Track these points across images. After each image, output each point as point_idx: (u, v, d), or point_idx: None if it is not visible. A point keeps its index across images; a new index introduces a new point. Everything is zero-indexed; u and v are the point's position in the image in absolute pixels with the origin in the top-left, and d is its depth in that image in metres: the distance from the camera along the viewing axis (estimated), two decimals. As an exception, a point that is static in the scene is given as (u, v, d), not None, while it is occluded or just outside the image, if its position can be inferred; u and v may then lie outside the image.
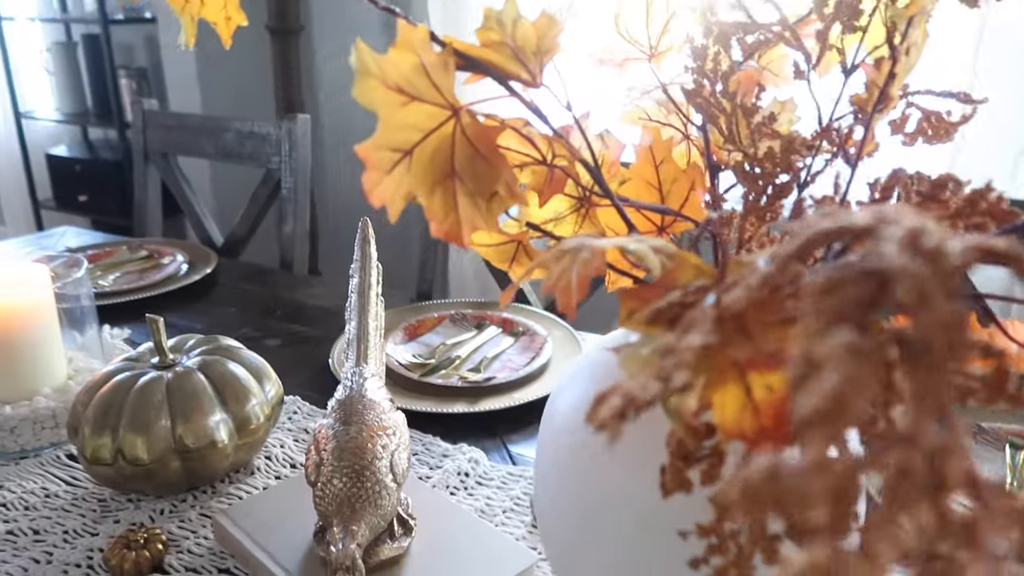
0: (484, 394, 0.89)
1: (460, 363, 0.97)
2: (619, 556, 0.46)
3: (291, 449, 0.80)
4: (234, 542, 0.64)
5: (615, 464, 0.45)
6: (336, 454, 0.57)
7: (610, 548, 0.46)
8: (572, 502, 0.48)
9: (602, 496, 0.46)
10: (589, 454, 0.47)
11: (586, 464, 0.47)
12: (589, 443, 0.47)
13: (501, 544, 0.62)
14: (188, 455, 0.68)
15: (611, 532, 0.46)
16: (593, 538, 0.47)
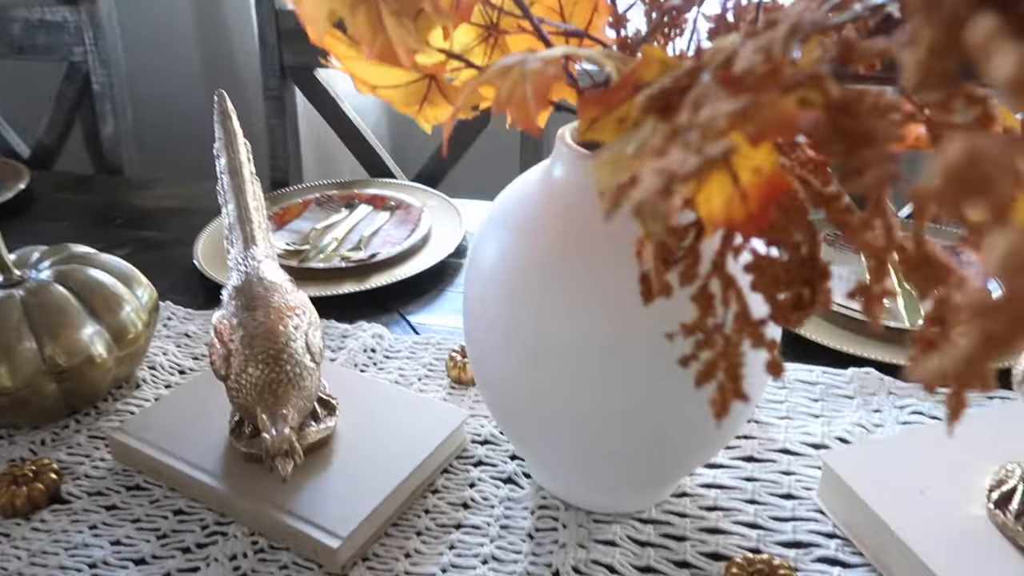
0: (370, 272, 0.86)
1: (338, 245, 0.93)
2: (565, 395, 0.46)
3: (175, 356, 0.74)
4: (140, 456, 0.59)
5: (553, 304, 0.45)
6: (246, 342, 0.53)
7: (555, 390, 0.46)
8: (511, 352, 0.47)
9: (541, 338, 0.45)
10: (525, 298, 0.46)
11: (522, 309, 0.46)
12: (521, 287, 0.46)
13: (427, 407, 0.62)
14: (63, 376, 0.61)
15: (554, 373, 0.46)
16: (536, 385, 0.47)
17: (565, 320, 0.45)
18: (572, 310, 0.44)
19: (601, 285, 0.44)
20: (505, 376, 0.48)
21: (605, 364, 0.44)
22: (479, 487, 0.57)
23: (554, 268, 0.45)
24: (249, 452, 0.56)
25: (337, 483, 0.54)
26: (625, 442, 0.47)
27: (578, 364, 0.45)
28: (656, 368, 0.44)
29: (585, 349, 0.44)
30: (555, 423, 0.48)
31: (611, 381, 0.44)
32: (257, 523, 0.54)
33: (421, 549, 0.53)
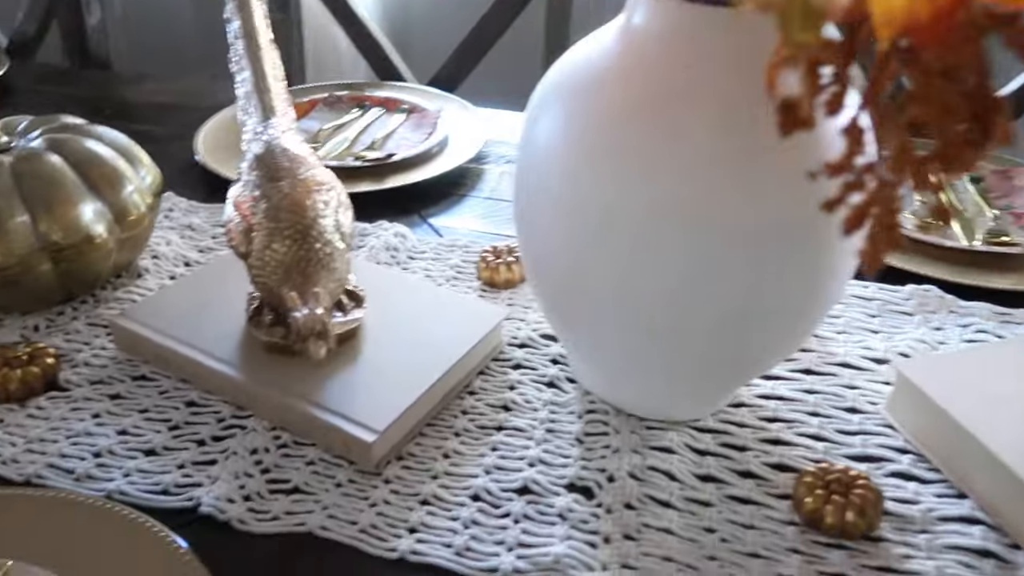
0: (386, 172, 0.80)
1: (350, 145, 0.86)
2: (631, 275, 0.42)
3: (179, 246, 0.68)
4: (146, 344, 0.53)
5: (625, 170, 0.40)
6: (271, 215, 0.47)
7: (620, 269, 0.42)
8: (573, 227, 0.43)
9: (609, 209, 0.40)
10: (591, 166, 0.41)
11: (588, 178, 0.41)
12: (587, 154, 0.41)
13: (462, 305, 0.57)
14: (60, 255, 0.55)
15: (621, 249, 0.41)
16: (598, 265, 0.42)
17: (637, 187, 0.40)
18: (646, 175, 0.39)
19: (681, 146, 0.39)
20: (564, 258, 0.44)
21: (681, 237, 0.40)
22: (519, 390, 0.53)
23: (628, 129, 0.40)
24: (270, 341, 0.51)
25: (368, 377, 0.50)
26: (694, 333, 0.42)
27: (649, 238, 0.40)
28: (740, 243, 0.39)
29: (658, 220, 0.40)
30: (617, 309, 0.43)
31: (687, 257, 0.40)
32: (280, 416, 0.49)
33: (461, 449, 0.48)
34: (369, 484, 0.46)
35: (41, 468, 0.46)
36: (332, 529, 0.43)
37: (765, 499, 0.45)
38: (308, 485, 0.46)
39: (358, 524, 0.43)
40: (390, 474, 0.46)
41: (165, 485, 0.45)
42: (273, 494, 0.45)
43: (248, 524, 0.43)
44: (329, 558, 0.42)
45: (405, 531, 0.43)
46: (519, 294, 0.63)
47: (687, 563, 0.42)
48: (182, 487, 0.45)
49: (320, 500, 0.45)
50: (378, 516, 0.44)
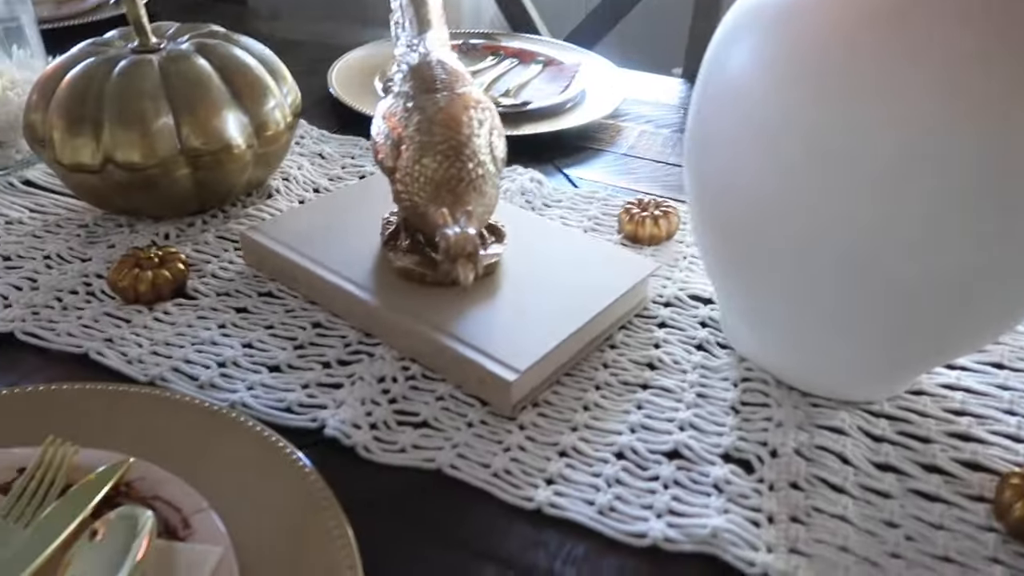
0: (522, 120, 0.76)
1: (486, 90, 0.82)
2: (828, 223, 0.36)
3: (310, 172, 0.65)
4: (275, 260, 0.51)
5: (835, 98, 0.34)
6: (424, 127, 0.44)
7: (816, 215, 0.36)
8: (764, 165, 0.37)
9: (811, 144, 0.35)
10: (795, 96, 0.35)
11: (789, 109, 0.36)
12: (792, 81, 0.35)
13: (609, 253, 0.52)
14: (199, 161, 0.53)
15: (820, 192, 0.36)
16: (788, 211, 0.37)
17: (861, 111, 0.34)
18: (874, 99, 0.34)
19: (922, 66, 0.33)
20: (749, 196, 0.38)
21: (894, 179, 0.34)
22: (666, 349, 0.48)
23: (858, 45, 0.34)
24: (405, 267, 0.47)
25: (508, 316, 0.46)
26: (899, 293, 0.37)
27: (853, 179, 0.35)
28: (988, 186, 0.33)
29: (867, 157, 0.34)
30: (804, 258, 0.37)
31: (897, 203, 0.34)
32: (410, 346, 0.46)
33: (602, 403, 0.44)
34: (503, 428, 0.42)
35: (165, 371, 0.44)
36: (462, 469, 0.39)
37: (957, 499, 0.39)
38: (437, 421, 0.42)
39: (491, 467, 0.40)
40: (525, 420, 0.42)
41: (289, 403, 0.43)
42: (400, 426, 0.42)
43: (373, 453, 0.40)
44: (458, 499, 0.39)
45: (542, 481, 0.39)
46: (664, 252, 0.58)
47: (866, 556, 0.36)
48: (306, 407, 0.43)
49: (451, 438, 0.41)
50: (512, 462, 0.40)
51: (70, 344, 0.46)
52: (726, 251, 0.42)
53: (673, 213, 0.58)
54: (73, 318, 0.48)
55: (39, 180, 0.62)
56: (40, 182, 0.62)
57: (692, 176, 0.43)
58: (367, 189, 0.58)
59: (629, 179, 0.70)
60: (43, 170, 0.64)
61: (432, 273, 0.47)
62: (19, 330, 0.47)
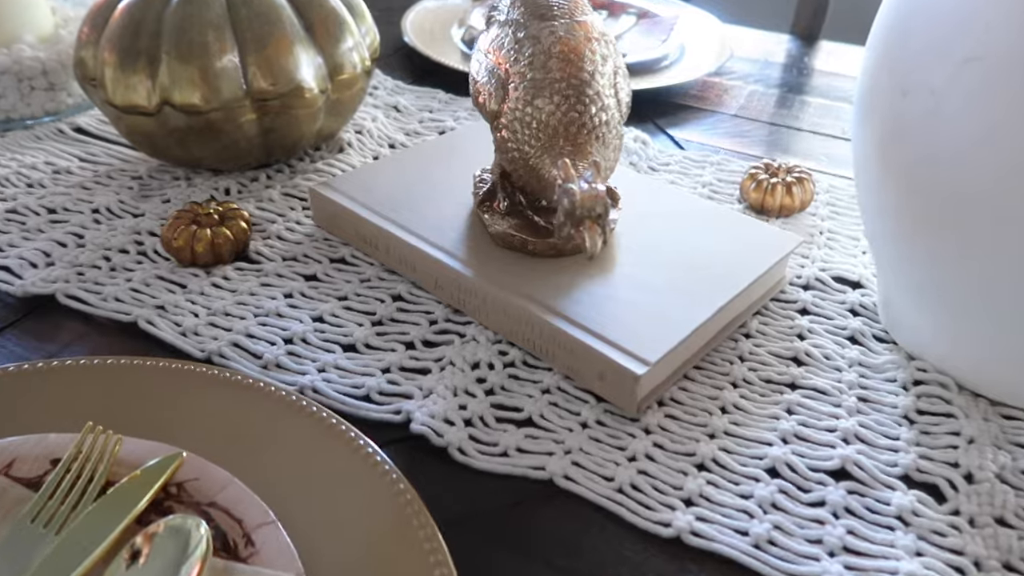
0: (617, 76, 0.67)
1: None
2: None
3: (385, 125, 0.58)
4: (351, 220, 0.44)
5: None
6: (539, 62, 0.36)
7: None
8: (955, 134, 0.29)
9: None
10: None
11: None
12: None
13: (744, 226, 0.44)
14: (266, 105, 0.46)
15: None
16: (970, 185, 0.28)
17: None
18: None
19: None
20: (952, 127, 0.30)
21: None
22: (812, 340, 0.40)
23: None
24: (504, 232, 0.40)
25: (629, 295, 0.38)
26: None
27: None
28: None
29: None
30: None
31: None
32: (510, 327, 0.38)
33: (744, 406, 0.36)
34: (624, 431, 0.34)
35: (224, 346, 0.38)
36: (579, 481, 0.32)
37: None
38: (545, 419, 0.35)
39: (615, 481, 0.32)
40: (651, 422, 0.35)
41: (367, 390, 0.36)
42: (500, 423, 0.35)
43: (470, 456, 0.33)
44: (575, 518, 0.31)
45: (679, 501, 0.32)
46: (795, 225, 0.49)
47: (1111, 624, 0.28)
48: (387, 396, 0.36)
49: (562, 441, 0.34)
50: (641, 475, 0.32)
51: (117, 311, 0.40)
52: (912, 204, 0.34)
53: (807, 180, 0.50)
54: (122, 280, 0.42)
55: (91, 127, 0.57)
56: (92, 129, 0.56)
57: (869, 105, 0.35)
58: (453, 144, 0.50)
59: (741, 142, 0.61)
60: (96, 116, 0.58)
61: (536, 241, 0.40)
62: (62, 292, 0.41)
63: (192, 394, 0.34)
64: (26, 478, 0.30)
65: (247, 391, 0.34)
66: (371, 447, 0.31)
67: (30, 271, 0.42)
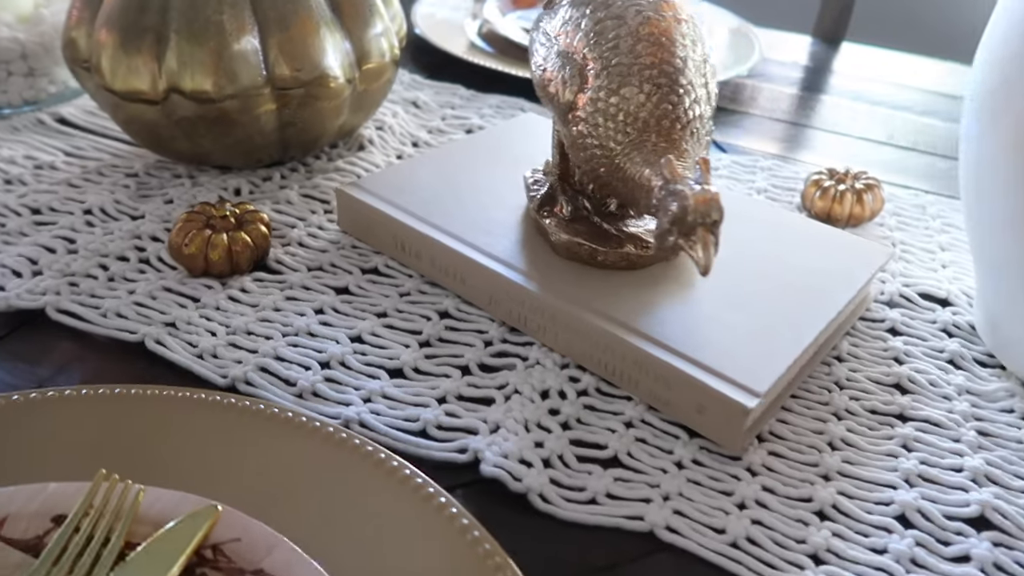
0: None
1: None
2: None
3: (406, 121, 0.53)
4: (384, 225, 0.39)
5: None
6: (625, 46, 0.31)
7: None
8: None
9: None
10: None
11: None
12: None
13: (826, 236, 0.40)
14: (287, 95, 0.41)
15: None
16: None
17: None
18: None
19: None
20: None
21: None
22: (912, 364, 0.36)
23: None
24: (570, 242, 0.35)
25: (720, 315, 0.33)
26: None
27: None
28: None
29: None
30: None
31: None
32: (581, 349, 0.33)
33: (854, 440, 0.31)
34: (726, 471, 0.30)
35: (251, 371, 0.32)
36: (685, 534, 0.27)
37: None
38: (633, 459, 0.30)
39: (727, 533, 0.27)
40: (754, 461, 0.30)
41: (424, 423, 0.31)
42: (583, 463, 0.30)
43: (554, 504, 0.28)
44: (684, 580, 0.26)
45: (805, 558, 0.27)
46: (865, 235, 0.45)
47: None
48: (448, 430, 0.31)
49: (657, 484, 0.29)
50: (755, 526, 0.28)
51: (120, 328, 0.34)
52: None
53: (877, 187, 0.46)
54: (123, 292, 0.36)
55: (75, 118, 0.50)
56: (77, 120, 0.50)
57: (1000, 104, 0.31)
58: (490, 143, 0.45)
59: (785, 147, 0.57)
60: (80, 107, 0.52)
61: (607, 250, 0.35)
62: (52, 306, 0.35)
63: (219, 430, 0.28)
64: (22, 540, 0.24)
65: (284, 426, 0.29)
66: (442, 494, 0.26)
67: (14, 281, 0.36)
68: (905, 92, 0.69)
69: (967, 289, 0.41)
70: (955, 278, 0.42)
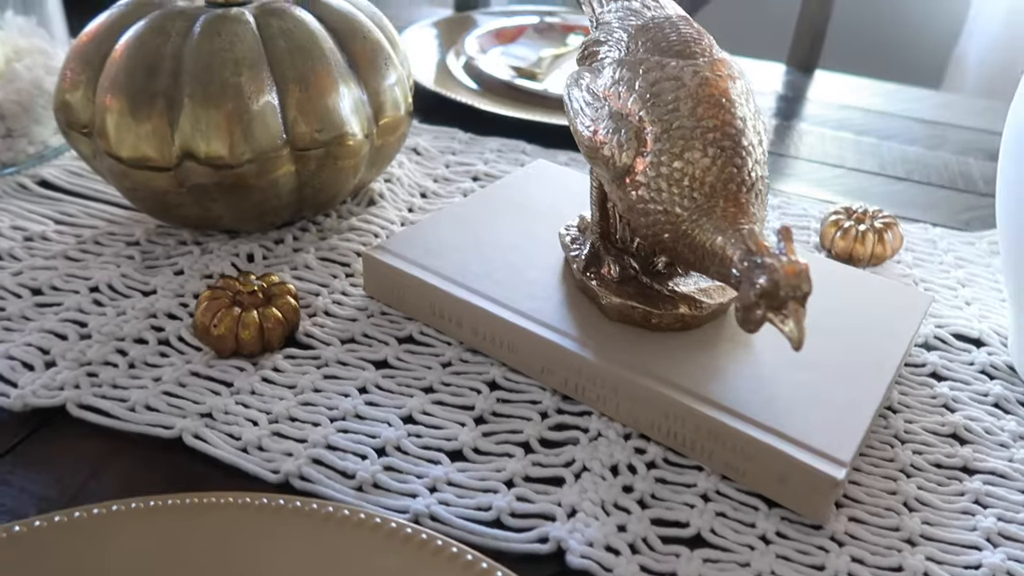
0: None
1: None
2: None
3: (412, 171, 0.51)
4: (417, 290, 0.37)
5: None
6: (687, 108, 0.30)
7: None
8: None
9: None
10: None
11: None
12: None
13: (862, 281, 0.40)
14: (306, 155, 0.39)
15: None
16: None
17: None
18: None
19: None
20: None
21: None
22: (964, 412, 0.36)
23: None
24: (624, 306, 0.34)
25: (781, 373, 0.33)
26: None
27: None
28: None
29: None
30: None
31: None
32: (647, 418, 0.32)
33: (927, 499, 0.31)
34: (813, 544, 0.29)
35: (305, 465, 0.30)
36: (788, 618, 0.26)
37: None
38: (717, 535, 0.29)
39: (830, 615, 0.27)
40: (837, 530, 0.30)
41: (497, 511, 0.29)
42: (668, 544, 0.29)
43: (650, 594, 0.27)
44: (795, 670, 0.25)
45: (912, 636, 0.26)
46: (886, 274, 0.45)
47: None
48: (523, 517, 0.29)
49: (748, 563, 0.28)
50: (855, 604, 0.27)
51: (153, 423, 0.31)
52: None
53: (895, 225, 0.46)
54: (148, 381, 0.33)
55: (59, 180, 0.47)
56: (61, 182, 0.47)
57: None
58: (508, 194, 0.44)
59: (786, 181, 0.57)
60: (62, 167, 0.48)
61: (661, 313, 0.34)
62: (73, 402, 0.32)
63: (282, 536, 0.26)
64: None
65: (349, 526, 0.27)
66: (539, 599, 0.25)
67: (26, 375, 0.33)
68: (885, 120, 0.70)
69: (997, 328, 0.41)
70: (982, 316, 0.42)
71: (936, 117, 0.71)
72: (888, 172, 0.60)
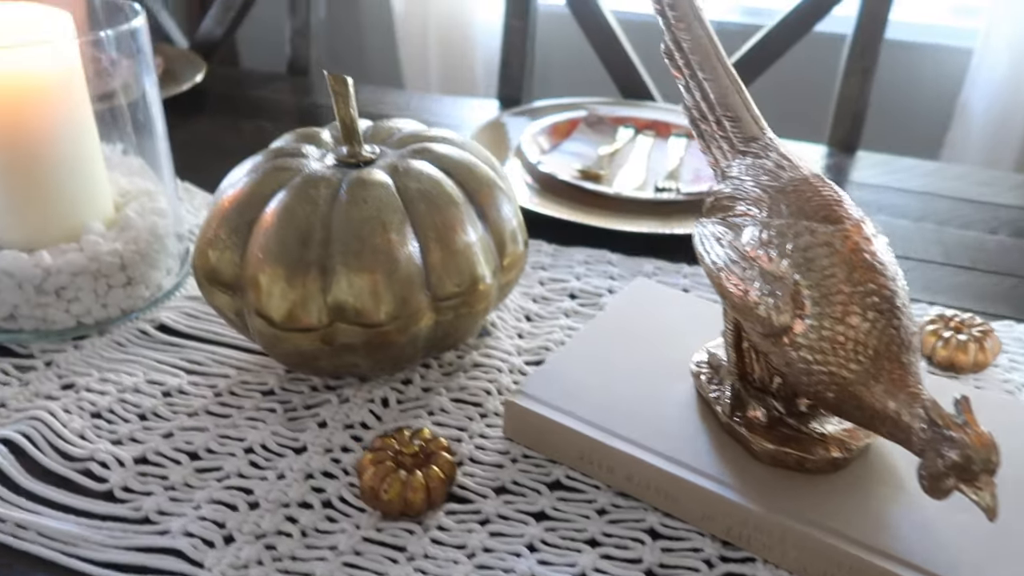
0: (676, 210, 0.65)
1: (648, 175, 0.71)
2: None
3: (513, 294, 0.53)
4: (566, 437, 0.38)
5: None
6: (843, 273, 0.32)
7: None
8: None
9: None
10: None
11: None
12: None
13: (982, 403, 0.41)
14: (444, 305, 0.40)
15: None
16: None
17: None
18: None
19: None
20: None
21: None
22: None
23: None
24: (777, 452, 0.35)
25: (942, 515, 0.34)
26: None
27: None
28: None
29: None
30: None
31: None
32: (815, 567, 0.33)
33: (1098, 637, 0.32)
34: None
35: (500, 637, 0.31)
36: None
37: None
38: None
39: None
40: (1021, 677, 0.31)
41: None
42: None
43: None
44: None
45: None
46: (988, 382, 0.47)
47: None
48: None
49: None
50: None
51: (342, 599, 0.32)
52: None
53: (992, 332, 0.48)
54: (325, 550, 0.34)
55: (177, 324, 0.48)
56: (179, 326, 0.48)
57: None
58: (620, 322, 0.46)
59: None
60: (176, 309, 0.50)
61: (815, 458, 0.35)
62: (261, 580, 0.33)
63: None
64: None
65: None
66: None
67: (210, 554, 0.33)
68: (937, 202, 0.72)
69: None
70: (1091, 424, 0.44)
71: (983, 197, 0.74)
72: (955, 262, 0.62)
